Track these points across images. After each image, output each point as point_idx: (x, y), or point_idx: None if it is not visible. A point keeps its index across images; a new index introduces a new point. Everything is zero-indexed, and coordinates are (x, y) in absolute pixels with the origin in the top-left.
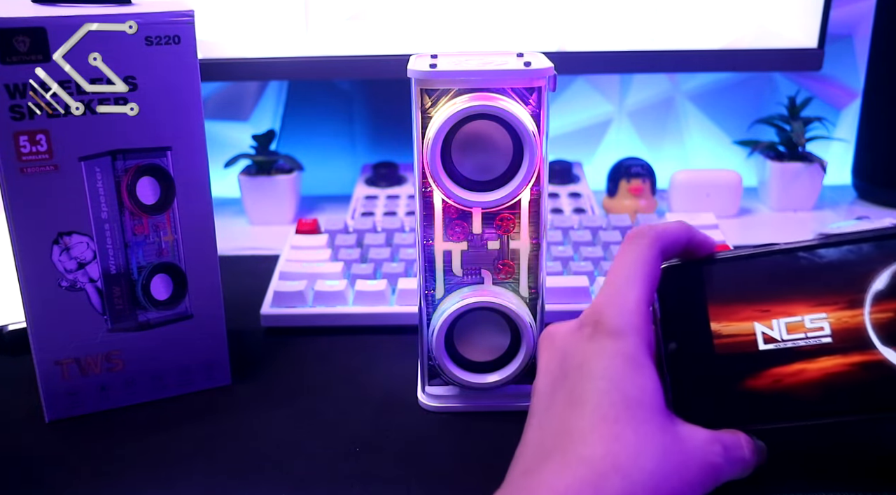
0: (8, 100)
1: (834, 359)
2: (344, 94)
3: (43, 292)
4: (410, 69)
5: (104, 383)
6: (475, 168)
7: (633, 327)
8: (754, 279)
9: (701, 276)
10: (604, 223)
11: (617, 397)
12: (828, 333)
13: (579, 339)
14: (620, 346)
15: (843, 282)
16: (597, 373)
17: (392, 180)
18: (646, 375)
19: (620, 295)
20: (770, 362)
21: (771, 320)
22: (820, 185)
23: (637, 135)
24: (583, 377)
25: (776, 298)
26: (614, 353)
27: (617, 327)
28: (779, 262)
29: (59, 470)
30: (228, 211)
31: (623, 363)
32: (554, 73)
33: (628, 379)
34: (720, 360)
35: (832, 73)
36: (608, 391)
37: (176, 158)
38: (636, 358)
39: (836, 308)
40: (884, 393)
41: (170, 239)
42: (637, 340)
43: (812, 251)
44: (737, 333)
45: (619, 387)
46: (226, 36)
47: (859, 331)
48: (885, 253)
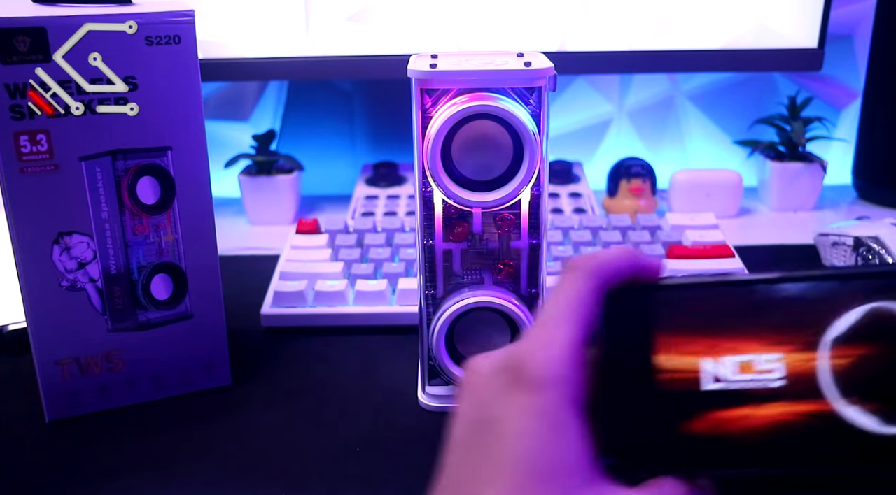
0: (8, 100)
1: (784, 405)
2: (344, 94)
3: (43, 292)
4: (410, 69)
5: (104, 383)
6: (475, 168)
7: (557, 378)
8: (707, 311)
9: (648, 304)
10: (604, 223)
11: (531, 465)
12: (779, 376)
13: (497, 389)
14: (540, 403)
15: (802, 321)
16: (511, 435)
17: (392, 180)
18: (567, 437)
19: (545, 339)
20: (715, 404)
21: (721, 357)
22: (820, 185)
23: (637, 135)
24: (497, 437)
25: (730, 333)
26: (532, 412)
27: (537, 379)
28: (734, 294)
29: (59, 470)
30: (228, 211)
31: (541, 424)
32: (554, 73)
33: (546, 442)
34: (662, 398)
35: (832, 73)
36: (522, 458)
37: (176, 158)
38: (557, 417)
39: (792, 349)
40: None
41: (170, 239)
42: (560, 394)
43: (771, 285)
44: (682, 369)
45: (535, 453)
46: (226, 36)
47: (815, 376)
48: (849, 293)
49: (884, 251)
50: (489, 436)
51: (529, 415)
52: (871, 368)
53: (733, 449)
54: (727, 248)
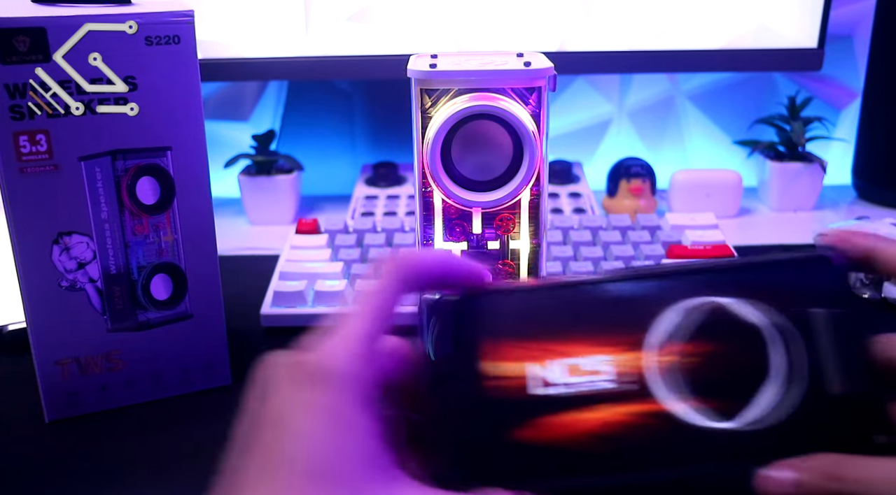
0: (8, 100)
1: (615, 407)
2: (344, 94)
3: (43, 292)
4: (410, 69)
5: (104, 383)
6: (475, 168)
7: (345, 374)
8: (534, 315)
9: (474, 310)
10: (604, 223)
11: (310, 464)
12: (610, 378)
13: (285, 382)
14: (325, 399)
15: (628, 322)
16: (293, 432)
17: (392, 180)
18: (352, 435)
19: (338, 334)
20: (545, 409)
21: (550, 361)
22: (820, 185)
23: (637, 136)
24: (279, 435)
25: (557, 337)
26: (317, 407)
27: (324, 375)
28: (561, 296)
29: (59, 470)
30: (228, 211)
31: (325, 421)
32: (554, 73)
33: (329, 441)
34: (490, 406)
35: (832, 73)
36: (301, 457)
37: (176, 158)
38: (342, 414)
39: (620, 350)
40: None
41: (170, 239)
42: (347, 391)
43: (599, 285)
44: (510, 375)
45: (315, 452)
46: (226, 36)
47: (642, 376)
48: (671, 291)
49: None
50: (271, 435)
51: (313, 412)
52: (698, 365)
53: (567, 455)
54: (727, 248)
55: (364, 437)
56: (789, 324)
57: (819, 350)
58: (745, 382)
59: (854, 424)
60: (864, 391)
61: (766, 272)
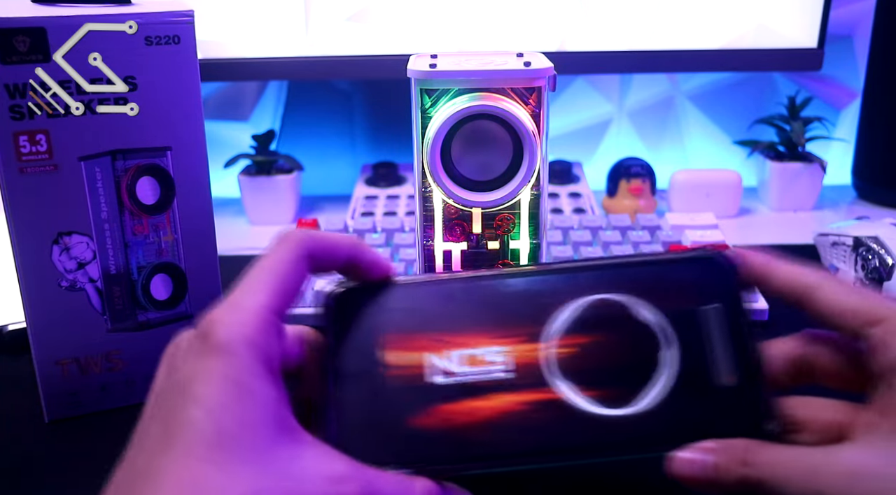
0: (8, 100)
1: (511, 396)
2: (344, 94)
3: (43, 292)
4: (410, 69)
5: (104, 383)
6: (475, 168)
7: (247, 343)
8: (435, 307)
9: (378, 301)
10: (604, 223)
11: (211, 432)
12: (507, 368)
13: (188, 352)
14: (225, 367)
15: (526, 315)
16: (194, 400)
17: (392, 180)
18: (253, 401)
19: (238, 303)
20: (443, 397)
21: (449, 352)
22: (820, 185)
23: (637, 136)
24: (181, 403)
25: (456, 328)
26: (217, 375)
27: (225, 342)
28: (462, 289)
29: (59, 470)
30: (228, 211)
31: (225, 388)
32: (554, 73)
33: (229, 409)
34: (390, 394)
35: (832, 73)
36: (202, 424)
37: (176, 158)
38: (242, 382)
39: (516, 341)
40: (564, 436)
41: (170, 239)
42: (248, 360)
43: (498, 279)
44: (410, 365)
45: (216, 420)
46: (226, 36)
47: (538, 366)
48: (570, 286)
49: (883, 251)
50: (174, 403)
51: (213, 379)
52: (592, 356)
53: (463, 443)
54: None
55: (265, 404)
56: (680, 318)
57: (707, 343)
58: (636, 373)
59: (743, 414)
60: (749, 383)
61: (661, 270)
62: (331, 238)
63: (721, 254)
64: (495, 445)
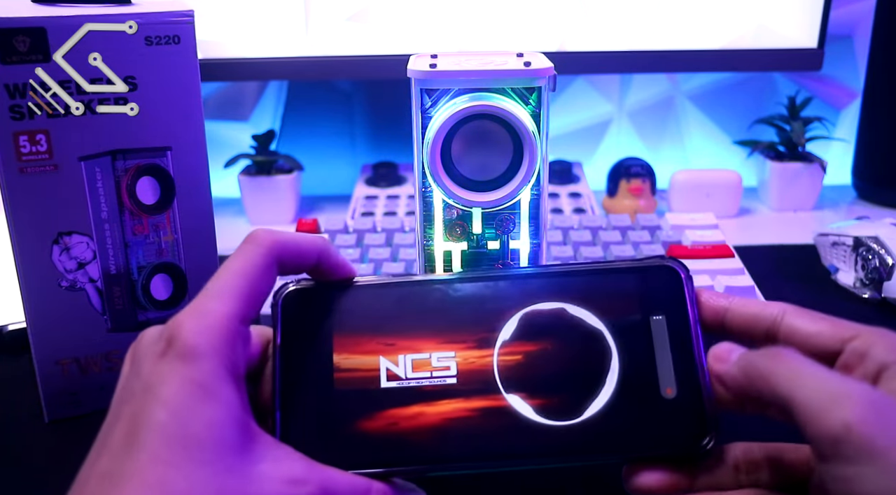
0: (8, 100)
1: (459, 402)
2: (344, 94)
3: (43, 292)
4: (410, 69)
5: (104, 383)
6: (475, 168)
7: (212, 348)
8: (386, 310)
9: (330, 302)
10: (604, 223)
11: (175, 433)
12: (453, 374)
13: (154, 354)
14: (190, 371)
15: (474, 320)
16: (159, 402)
17: (392, 180)
18: (217, 406)
19: (205, 308)
20: (392, 401)
21: (397, 356)
22: (820, 185)
23: (637, 136)
24: (145, 405)
25: (406, 333)
26: (182, 379)
27: (191, 347)
28: (413, 294)
29: (59, 470)
30: (228, 211)
31: (190, 392)
32: (554, 73)
33: (193, 411)
34: (339, 396)
35: (832, 73)
36: (166, 427)
37: (176, 158)
38: (206, 385)
39: (465, 347)
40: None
41: (170, 239)
42: (213, 364)
43: (449, 284)
44: (360, 368)
45: (181, 422)
46: (226, 36)
47: (485, 373)
48: (520, 293)
49: (883, 251)
50: (138, 404)
51: (180, 383)
52: (536, 364)
53: (413, 447)
54: (727, 248)
55: (229, 408)
56: (626, 328)
57: (651, 354)
58: (581, 382)
59: (679, 427)
60: (690, 396)
61: (612, 278)
62: (299, 240)
63: (672, 263)
64: (443, 451)
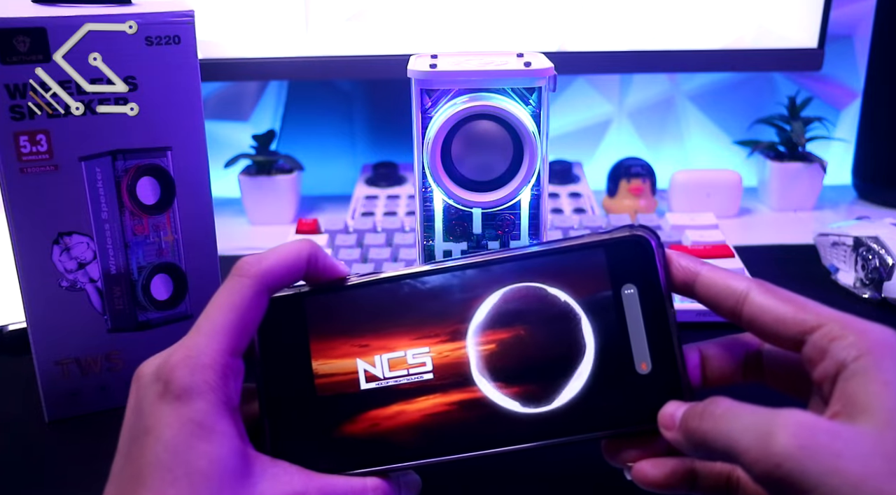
0: (8, 100)
1: (437, 397)
2: (344, 94)
3: (43, 292)
4: (410, 69)
5: (104, 383)
6: (475, 168)
7: (206, 386)
8: (358, 311)
9: (304, 309)
10: (604, 223)
11: (179, 472)
12: (429, 369)
13: (153, 394)
14: (187, 411)
15: (445, 313)
16: (161, 443)
17: (392, 180)
18: (216, 441)
19: (197, 348)
20: (373, 402)
21: (373, 356)
22: (820, 185)
23: (637, 136)
24: (148, 444)
25: (380, 332)
26: (180, 420)
27: (185, 388)
28: (383, 292)
29: (59, 470)
30: (228, 211)
31: (189, 431)
32: (554, 73)
33: (194, 448)
34: (322, 402)
35: (832, 73)
36: (170, 465)
37: (176, 158)
38: (204, 423)
39: (439, 341)
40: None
41: (170, 239)
42: (208, 402)
43: (417, 279)
44: (338, 372)
45: (183, 459)
46: (226, 36)
47: (460, 365)
48: (488, 279)
49: (884, 251)
50: (142, 444)
51: (179, 424)
52: (510, 351)
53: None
54: (727, 248)
55: (225, 439)
56: (597, 304)
57: (624, 329)
58: (556, 364)
59: (655, 402)
60: (665, 370)
61: (580, 254)
62: (285, 259)
63: (641, 231)
64: (428, 447)
